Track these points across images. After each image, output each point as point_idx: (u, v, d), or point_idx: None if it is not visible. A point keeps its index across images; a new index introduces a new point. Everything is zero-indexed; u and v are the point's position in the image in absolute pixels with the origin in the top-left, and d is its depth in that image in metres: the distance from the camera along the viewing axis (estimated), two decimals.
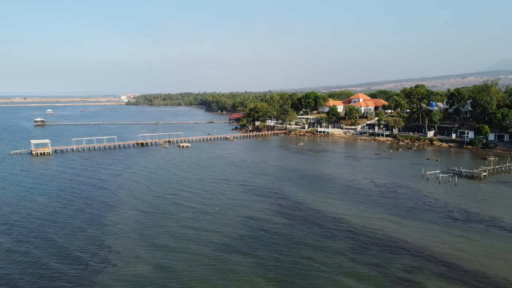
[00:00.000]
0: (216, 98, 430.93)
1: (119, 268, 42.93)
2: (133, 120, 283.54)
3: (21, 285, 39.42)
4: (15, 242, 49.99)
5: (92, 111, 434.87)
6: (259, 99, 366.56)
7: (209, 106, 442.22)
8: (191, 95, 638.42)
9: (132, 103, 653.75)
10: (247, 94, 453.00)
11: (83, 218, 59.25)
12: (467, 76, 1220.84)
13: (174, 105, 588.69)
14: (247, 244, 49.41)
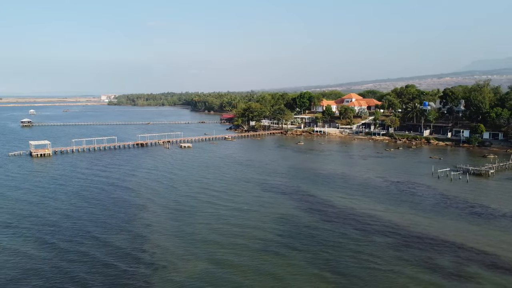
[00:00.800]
0: (202, 98, 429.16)
1: (178, 265, 43.16)
2: (123, 120, 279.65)
3: (93, 285, 39.19)
4: (68, 243, 49.60)
5: (75, 111, 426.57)
6: (246, 99, 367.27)
7: (195, 106, 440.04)
8: (174, 95, 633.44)
9: (114, 103, 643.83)
10: (233, 94, 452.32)
11: (121, 218, 59.01)
12: (443, 77, 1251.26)
13: (157, 105, 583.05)
14: (293, 240, 50.33)
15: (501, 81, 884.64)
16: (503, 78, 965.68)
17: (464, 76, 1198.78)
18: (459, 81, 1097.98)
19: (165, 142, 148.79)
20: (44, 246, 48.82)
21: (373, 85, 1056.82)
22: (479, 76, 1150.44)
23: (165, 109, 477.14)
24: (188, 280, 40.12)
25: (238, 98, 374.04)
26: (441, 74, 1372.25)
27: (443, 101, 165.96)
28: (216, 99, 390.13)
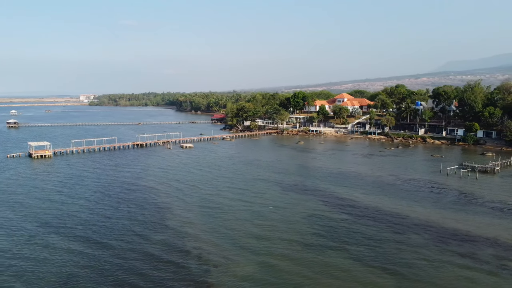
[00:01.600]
0: (188, 98, 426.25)
1: (234, 260, 43.61)
2: (111, 121, 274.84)
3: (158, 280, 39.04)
4: (119, 242, 49.38)
5: (57, 112, 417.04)
6: (233, 99, 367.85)
7: (180, 106, 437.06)
8: (157, 95, 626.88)
9: (96, 103, 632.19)
10: (218, 94, 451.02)
11: (159, 217, 59.14)
12: (420, 77, 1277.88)
13: (140, 105, 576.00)
14: (335, 235, 51.28)
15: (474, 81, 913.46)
16: (476, 79, 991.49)
17: (440, 76, 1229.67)
18: (435, 81, 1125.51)
19: (166, 142, 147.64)
20: (97, 245, 48.74)
21: (352, 85, 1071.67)
22: (454, 76, 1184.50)
23: (149, 109, 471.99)
24: (249, 275, 40.51)
25: (225, 98, 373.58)
26: (417, 75, 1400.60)
27: (436, 101, 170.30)
28: (202, 99, 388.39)
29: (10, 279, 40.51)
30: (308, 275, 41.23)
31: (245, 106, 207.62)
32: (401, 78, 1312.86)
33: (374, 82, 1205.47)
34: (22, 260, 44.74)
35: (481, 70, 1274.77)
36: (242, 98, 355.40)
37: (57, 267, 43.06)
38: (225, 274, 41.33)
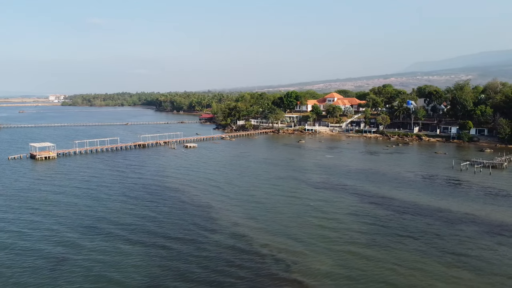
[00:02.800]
0: (169, 98, 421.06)
1: (304, 262, 43.83)
2: (97, 121, 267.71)
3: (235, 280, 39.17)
4: (175, 242, 48.62)
5: (32, 112, 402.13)
6: (216, 99, 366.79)
7: (160, 106, 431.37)
8: (133, 95, 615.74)
9: (69, 103, 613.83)
10: (202, 94, 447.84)
11: (206, 217, 58.39)
12: (389, 77, 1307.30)
13: (116, 105, 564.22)
14: (388, 233, 52.47)
15: (441, 82, 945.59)
16: (442, 79, 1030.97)
17: (408, 76, 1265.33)
18: (403, 81, 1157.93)
19: (169, 142, 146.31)
20: (171, 243, 48.33)
21: (324, 85, 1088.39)
22: (421, 77, 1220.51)
23: (127, 109, 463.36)
24: (331, 270, 41.25)
25: (207, 98, 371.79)
26: (386, 75, 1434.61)
27: (427, 100, 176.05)
28: (184, 99, 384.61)
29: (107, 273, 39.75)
30: (386, 267, 42.43)
31: (237, 105, 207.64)
32: (370, 78, 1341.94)
33: (344, 82, 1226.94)
34: (112, 254, 43.87)
35: (446, 70, 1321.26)
36: (225, 98, 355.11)
37: (143, 261, 42.55)
38: (309, 269, 41.99)
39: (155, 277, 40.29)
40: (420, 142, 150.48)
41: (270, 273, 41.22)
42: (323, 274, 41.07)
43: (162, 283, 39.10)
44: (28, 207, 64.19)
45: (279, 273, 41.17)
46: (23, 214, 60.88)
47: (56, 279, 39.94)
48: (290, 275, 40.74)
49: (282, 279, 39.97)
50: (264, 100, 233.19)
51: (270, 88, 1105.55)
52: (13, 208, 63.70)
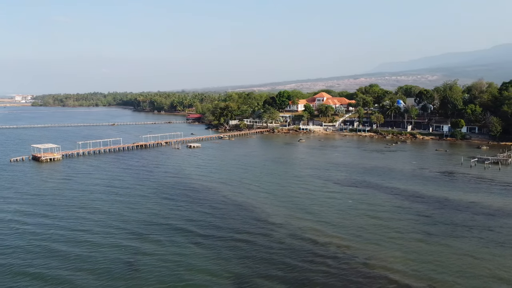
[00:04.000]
0: (149, 98, 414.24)
1: (377, 256, 45.17)
2: (79, 121, 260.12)
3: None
4: (231, 241, 48.80)
5: (4, 113, 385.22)
6: (198, 99, 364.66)
7: (138, 106, 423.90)
8: (108, 95, 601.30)
9: (40, 104, 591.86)
10: (183, 94, 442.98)
11: (254, 217, 58.67)
12: (359, 77, 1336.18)
13: (90, 105, 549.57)
14: (439, 227, 54.62)
15: (408, 81, 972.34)
16: (409, 79, 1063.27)
17: (376, 77, 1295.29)
18: (372, 81, 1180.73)
19: (173, 142, 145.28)
20: (234, 241, 48.29)
21: (295, 85, 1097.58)
22: (389, 77, 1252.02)
23: (104, 110, 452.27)
24: (405, 262, 42.72)
25: (189, 98, 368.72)
26: (356, 75, 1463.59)
27: (417, 99, 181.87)
28: (165, 99, 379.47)
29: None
30: (458, 257, 44.39)
31: (229, 105, 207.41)
32: (341, 79, 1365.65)
33: (316, 82, 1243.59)
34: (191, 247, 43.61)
35: (413, 71, 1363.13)
36: (207, 98, 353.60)
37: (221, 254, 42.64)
38: (384, 262, 43.29)
39: (245, 268, 40.55)
40: (415, 140, 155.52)
41: (350, 265, 42.32)
42: (401, 263, 42.50)
43: (252, 273, 39.45)
44: (79, 207, 63.51)
45: (357, 267, 42.29)
46: (80, 213, 59.84)
47: (137, 271, 39.55)
48: (370, 266, 41.92)
49: (364, 272, 41.10)
50: (252, 100, 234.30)
51: (241, 88, 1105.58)
52: (64, 208, 62.34)
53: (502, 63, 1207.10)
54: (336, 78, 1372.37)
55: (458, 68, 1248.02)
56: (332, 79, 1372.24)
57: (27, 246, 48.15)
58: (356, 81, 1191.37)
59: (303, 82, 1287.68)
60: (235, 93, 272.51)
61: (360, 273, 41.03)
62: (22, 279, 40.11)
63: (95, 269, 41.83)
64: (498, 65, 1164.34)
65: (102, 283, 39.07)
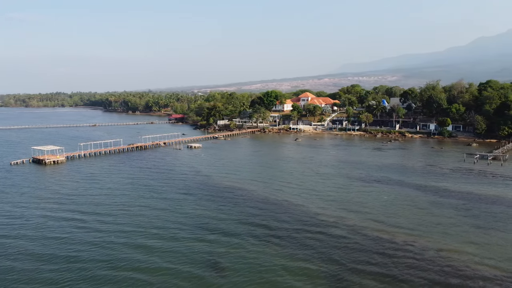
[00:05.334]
0: (122, 98, 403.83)
1: (456, 251, 47.67)
2: (55, 122, 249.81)
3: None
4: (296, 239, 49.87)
5: None
6: (173, 98, 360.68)
7: (109, 106, 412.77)
8: (74, 95, 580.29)
9: (0, 104, 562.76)
10: (157, 94, 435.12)
11: (304, 214, 59.88)
12: (323, 78, 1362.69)
13: (55, 106, 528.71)
14: (488, 221, 58.06)
15: (370, 82, 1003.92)
16: (371, 80, 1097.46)
17: (340, 77, 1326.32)
18: (336, 81, 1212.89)
19: (174, 142, 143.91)
20: (306, 238, 49.05)
21: (261, 85, 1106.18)
22: (352, 78, 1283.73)
23: (73, 110, 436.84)
24: (484, 255, 45.45)
25: (164, 99, 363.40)
26: (320, 76, 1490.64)
27: (402, 99, 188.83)
28: (139, 99, 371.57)
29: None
30: None
31: (217, 105, 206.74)
32: (305, 79, 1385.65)
33: (281, 83, 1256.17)
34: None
35: (374, 72, 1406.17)
36: (183, 98, 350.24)
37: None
38: (457, 253, 45.79)
39: (327, 263, 41.76)
40: (405, 138, 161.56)
41: (427, 256, 44.47)
42: (473, 254, 45.16)
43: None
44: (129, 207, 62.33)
45: (436, 257, 44.52)
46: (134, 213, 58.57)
47: (223, 270, 39.92)
48: (444, 257, 44.25)
49: (442, 263, 43.36)
50: (235, 100, 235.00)
51: (207, 88, 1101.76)
52: (114, 208, 60.73)
53: (456, 64, 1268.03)
54: (300, 79, 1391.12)
55: (416, 69, 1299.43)
56: (297, 79, 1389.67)
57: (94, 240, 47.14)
58: (320, 81, 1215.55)
59: (269, 82, 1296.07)
60: (218, 93, 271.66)
61: (440, 265, 43.18)
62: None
63: (179, 268, 41.78)
64: (453, 66, 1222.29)
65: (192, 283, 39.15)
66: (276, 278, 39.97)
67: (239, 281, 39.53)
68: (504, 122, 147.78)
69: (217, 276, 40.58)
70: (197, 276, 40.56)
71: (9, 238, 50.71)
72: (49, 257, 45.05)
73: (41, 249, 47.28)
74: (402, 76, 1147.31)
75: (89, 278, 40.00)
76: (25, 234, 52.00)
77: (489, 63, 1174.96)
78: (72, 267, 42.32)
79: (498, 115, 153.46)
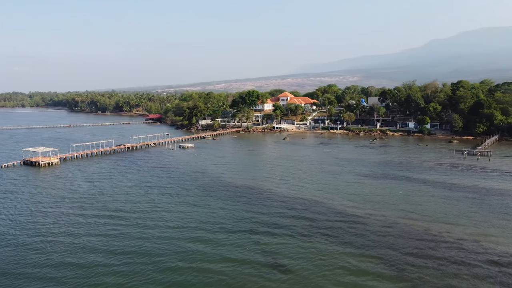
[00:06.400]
0: (89, 98, 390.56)
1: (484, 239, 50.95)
2: (27, 124, 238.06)
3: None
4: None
5: None
6: (144, 98, 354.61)
7: (75, 107, 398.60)
8: (35, 95, 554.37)
9: None
10: (127, 94, 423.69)
11: (333, 208, 61.60)
12: (286, 78, 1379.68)
13: (15, 106, 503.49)
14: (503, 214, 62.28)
15: (331, 82, 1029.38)
16: (332, 80, 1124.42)
17: (302, 77, 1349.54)
18: (299, 81, 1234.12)
19: (167, 143, 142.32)
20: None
21: (225, 85, 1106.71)
22: (314, 78, 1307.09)
23: (35, 111, 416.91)
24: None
25: (136, 98, 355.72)
26: (282, 76, 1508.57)
27: (381, 98, 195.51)
28: (109, 99, 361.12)
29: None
30: None
31: (199, 105, 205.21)
32: (268, 79, 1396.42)
33: (245, 83, 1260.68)
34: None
35: (334, 72, 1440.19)
36: (155, 99, 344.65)
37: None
38: (493, 243, 49.08)
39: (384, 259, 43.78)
40: (387, 136, 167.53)
41: (465, 246, 47.46)
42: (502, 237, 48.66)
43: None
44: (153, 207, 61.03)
45: (473, 245, 47.57)
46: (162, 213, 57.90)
47: (289, 272, 41.04)
48: (483, 247, 47.39)
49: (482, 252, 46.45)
50: (213, 100, 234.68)
51: (171, 88, 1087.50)
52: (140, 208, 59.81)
53: (412, 65, 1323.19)
54: (264, 79, 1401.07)
55: (375, 70, 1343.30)
56: (261, 79, 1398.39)
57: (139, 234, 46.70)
58: (283, 81, 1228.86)
59: (232, 82, 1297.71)
60: (195, 92, 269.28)
61: (481, 247, 46.23)
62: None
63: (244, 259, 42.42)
64: (409, 67, 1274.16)
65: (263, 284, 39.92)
66: (342, 272, 41.39)
67: (303, 272, 40.63)
68: (479, 120, 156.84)
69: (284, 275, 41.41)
70: (259, 263, 41.66)
71: (77, 237, 49.17)
72: (123, 252, 45.88)
73: (110, 245, 47.90)
74: (363, 77, 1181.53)
75: (168, 269, 41.66)
76: (91, 233, 51.17)
77: (442, 64, 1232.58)
78: (148, 261, 43.57)
79: (472, 113, 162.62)
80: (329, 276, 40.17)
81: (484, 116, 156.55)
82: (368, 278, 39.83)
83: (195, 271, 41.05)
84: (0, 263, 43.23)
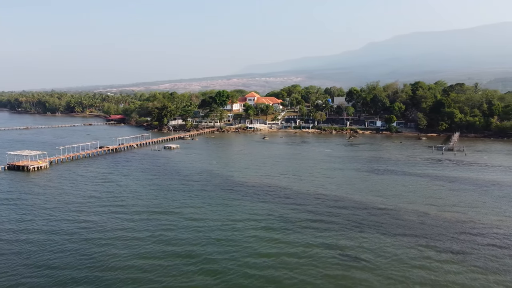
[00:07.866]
0: (36, 98, 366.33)
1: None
2: None
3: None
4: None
5: None
6: (97, 98, 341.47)
7: (19, 107, 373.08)
8: None
9: None
10: (78, 94, 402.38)
11: (360, 213, 64.92)
12: (231, 78, 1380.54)
13: None
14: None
15: (277, 83, 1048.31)
16: (277, 80, 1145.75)
17: (248, 77, 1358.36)
18: (245, 82, 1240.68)
19: (152, 143, 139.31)
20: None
21: (169, 85, 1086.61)
22: (260, 78, 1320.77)
23: None
24: None
25: (88, 99, 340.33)
26: (228, 76, 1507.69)
27: (348, 98, 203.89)
28: (58, 99, 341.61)
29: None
30: None
31: (168, 105, 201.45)
32: (214, 79, 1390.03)
33: (190, 83, 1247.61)
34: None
35: (279, 73, 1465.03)
36: (110, 99, 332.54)
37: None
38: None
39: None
40: (357, 134, 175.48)
41: (489, 236, 52.87)
42: None
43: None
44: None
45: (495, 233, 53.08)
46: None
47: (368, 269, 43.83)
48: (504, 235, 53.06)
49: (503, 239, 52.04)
50: (177, 100, 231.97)
51: (113, 87, 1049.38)
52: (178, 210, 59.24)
53: (352, 67, 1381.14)
54: (209, 79, 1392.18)
55: (317, 71, 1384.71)
56: (206, 79, 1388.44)
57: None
58: (229, 82, 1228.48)
59: (177, 83, 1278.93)
60: (158, 93, 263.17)
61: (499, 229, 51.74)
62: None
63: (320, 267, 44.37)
64: (350, 68, 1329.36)
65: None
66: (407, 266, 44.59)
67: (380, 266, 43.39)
68: (441, 118, 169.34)
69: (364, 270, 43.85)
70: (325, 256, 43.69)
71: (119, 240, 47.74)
72: (175, 252, 44.78)
73: (158, 247, 46.18)
74: (306, 77, 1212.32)
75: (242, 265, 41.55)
76: (136, 237, 49.38)
77: (379, 66, 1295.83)
78: (200, 260, 42.79)
79: (434, 112, 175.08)
80: (408, 271, 43.20)
81: (446, 115, 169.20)
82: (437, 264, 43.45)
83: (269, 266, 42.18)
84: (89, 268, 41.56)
